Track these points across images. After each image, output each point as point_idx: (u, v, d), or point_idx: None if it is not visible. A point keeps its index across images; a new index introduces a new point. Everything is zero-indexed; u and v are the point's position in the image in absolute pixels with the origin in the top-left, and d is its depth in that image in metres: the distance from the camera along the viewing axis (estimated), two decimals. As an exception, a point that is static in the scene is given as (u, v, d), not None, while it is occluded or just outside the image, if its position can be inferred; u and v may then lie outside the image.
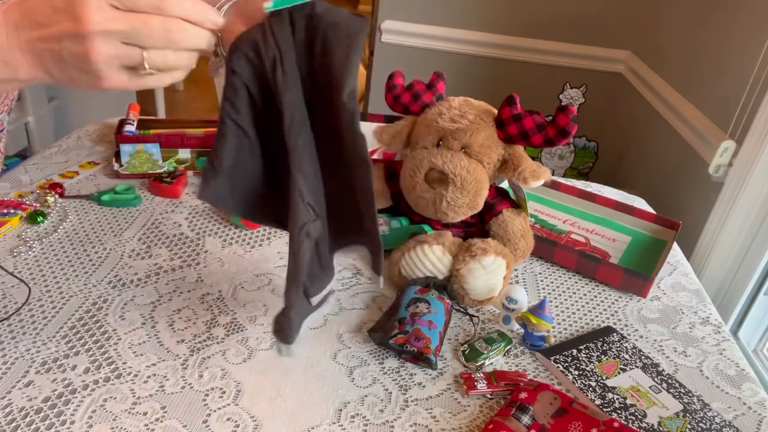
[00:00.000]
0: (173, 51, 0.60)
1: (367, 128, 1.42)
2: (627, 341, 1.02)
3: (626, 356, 0.99)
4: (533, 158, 1.22)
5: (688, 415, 0.88)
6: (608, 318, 1.10)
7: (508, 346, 0.99)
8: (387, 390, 0.89)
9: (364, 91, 2.70)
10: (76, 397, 0.82)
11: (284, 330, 0.79)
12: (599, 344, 1.01)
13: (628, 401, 0.90)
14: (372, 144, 1.42)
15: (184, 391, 0.85)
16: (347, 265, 1.16)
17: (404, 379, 0.92)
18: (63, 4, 0.56)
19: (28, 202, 1.21)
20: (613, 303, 1.14)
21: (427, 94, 1.18)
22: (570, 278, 1.20)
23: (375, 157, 1.37)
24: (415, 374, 0.93)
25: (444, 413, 0.87)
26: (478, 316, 1.06)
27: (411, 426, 0.84)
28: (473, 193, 1.09)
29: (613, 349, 1.00)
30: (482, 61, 2.45)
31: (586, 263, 1.20)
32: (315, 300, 0.85)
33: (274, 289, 1.07)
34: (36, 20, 0.58)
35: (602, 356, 0.98)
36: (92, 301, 1.00)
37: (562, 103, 2.22)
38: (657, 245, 1.31)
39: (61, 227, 1.17)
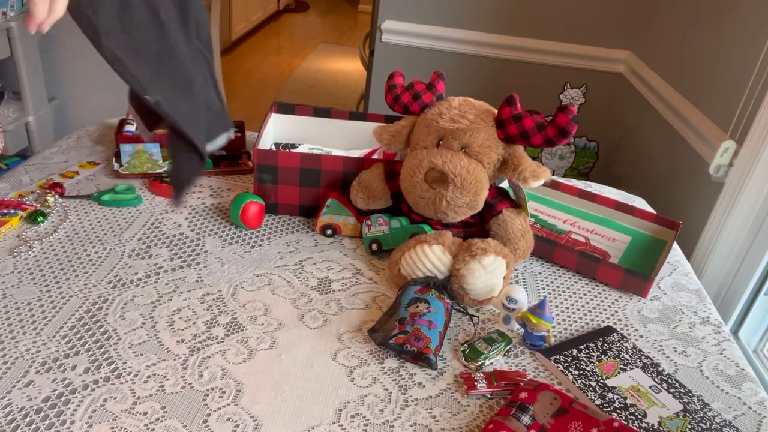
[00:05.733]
0: None
1: (367, 128, 1.43)
2: (627, 341, 1.02)
3: (626, 356, 0.99)
4: (533, 158, 1.22)
5: (688, 415, 0.88)
6: (608, 318, 1.10)
7: (508, 346, 0.99)
8: (387, 390, 0.89)
9: (364, 91, 2.70)
10: (76, 397, 0.82)
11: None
12: (599, 344, 1.01)
13: (628, 401, 0.90)
14: (372, 144, 1.42)
15: (184, 391, 0.85)
16: (347, 265, 1.16)
17: (404, 379, 0.92)
18: None
19: (28, 202, 1.21)
20: (613, 303, 1.14)
21: (427, 94, 1.18)
22: (570, 278, 1.20)
23: (375, 157, 1.37)
24: (415, 374, 0.93)
25: (444, 413, 0.87)
26: (478, 316, 1.06)
27: (411, 426, 0.84)
28: (473, 193, 1.09)
29: (613, 349, 1.00)
30: (482, 61, 2.45)
31: (586, 263, 1.20)
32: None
33: (274, 290, 1.07)
34: None
35: (602, 356, 0.98)
36: (92, 301, 1.00)
37: (563, 103, 2.22)
38: (657, 245, 1.31)
39: (61, 227, 1.17)
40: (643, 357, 0.99)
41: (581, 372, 0.94)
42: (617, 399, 0.90)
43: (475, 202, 1.10)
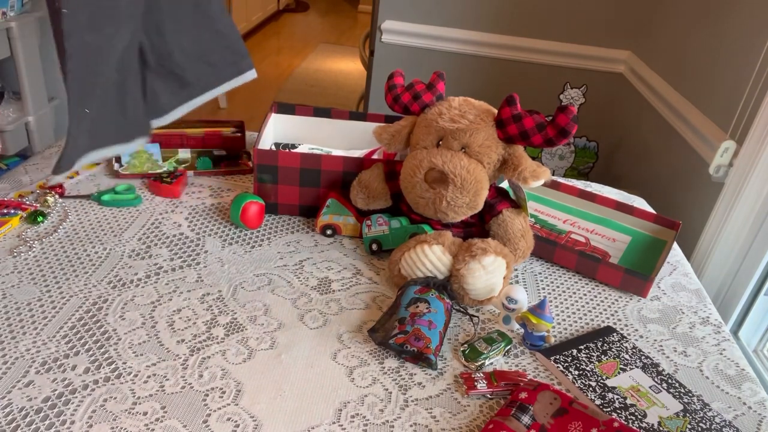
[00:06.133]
0: None
1: (367, 128, 1.43)
2: (627, 341, 1.02)
3: (626, 356, 0.99)
4: (533, 158, 1.22)
5: (688, 415, 0.88)
6: (608, 318, 1.10)
7: (508, 346, 0.99)
8: (387, 390, 0.89)
9: (364, 91, 2.70)
10: (76, 397, 0.82)
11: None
12: (599, 344, 1.01)
13: (628, 401, 0.90)
14: (372, 144, 1.42)
15: (184, 391, 0.85)
16: (347, 265, 1.16)
17: (404, 379, 0.92)
18: None
19: (28, 202, 1.21)
20: (613, 303, 1.14)
21: (427, 94, 1.18)
22: (570, 278, 1.20)
23: (375, 157, 1.37)
24: (415, 374, 0.93)
25: (444, 413, 0.87)
26: (478, 316, 1.06)
27: (411, 426, 0.84)
28: (473, 193, 1.09)
29: (613, 349, 1.00)
30: (482, 61, 2.45)
31: (586, 263, 1.20)
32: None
33: (274, 290, 1.07)
34: None
35: (602, 356, 0.98)
36: (92, 301, 1.00)
37: (563, 103, 2.22)
38: (657, 245, 1.31)
39: (61, 227, 1.17)
40: (643, 357, 0.99)
41: (581, 372, 0.94)
42: (617, 399, 0.90)
43: (475, 202, 1.10)
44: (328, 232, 1.23)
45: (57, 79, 2.74)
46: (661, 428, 0.86)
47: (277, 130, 1.46)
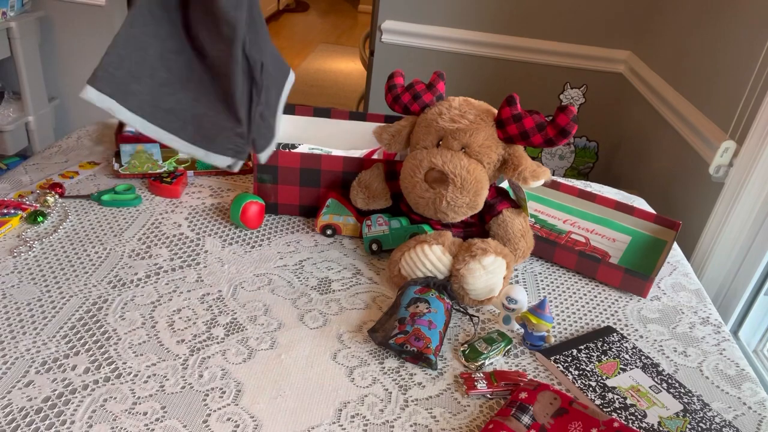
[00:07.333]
0: None
1: (367, 128, 1.43)
2: (627, 341, 1.02)
3: (626, 356, 0.99)
4: (533, 158, 1.22)
5: (688, 415, 0.88)
6: (608, 318, 1.10)
7: (508, 346, 0.99)
8: (387, 390, 0.89)
9: (364, 91, 2.70)
10: (76, 397, 0.82)
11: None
12: (599, 344, 1.01)
13: (628, 401, 0.90)
14: (372, 144, 1.42)
15: (184, 391, 0.85)
16: (347, 265, 1.16)
17: (404, 379, 0.92)
18: None
19: (28, 202, 1.21)
20: (613, 303, 1.14)
21: (427, 94, 1.18)
22: (570, 278, 1.20)
23: (375, 157, 1.37)
24: (415, 374, 0.93)
25: (444, 413, 0.87)
26: (478, 316, 1.06)
27: (411, 426, 0.84)
28: (473, 193, 1.09)
29: (613, 349, 1.00)
30: (482, 61, 2.45)
31: (586, 263, 1.20)
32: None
33: (274, 290, 1.07)
34: None
35: (602, 356, 0.98)
36: (92, 301, 1.00)
37: (563, 103, 2.22)
38: (657, 245, 1.31)
39: (61, 227, 1.17)
40: (643, 357, 0.99)
41: (581, 372, 0.94)
42: (617, 399, 0.90)
43: (475, 202, 1.10)
44: (328, 232, 1.23)
45: (57, 79, 2.74)
46: (661, 428, 0.86)
47: (277, 130, 1.46)
